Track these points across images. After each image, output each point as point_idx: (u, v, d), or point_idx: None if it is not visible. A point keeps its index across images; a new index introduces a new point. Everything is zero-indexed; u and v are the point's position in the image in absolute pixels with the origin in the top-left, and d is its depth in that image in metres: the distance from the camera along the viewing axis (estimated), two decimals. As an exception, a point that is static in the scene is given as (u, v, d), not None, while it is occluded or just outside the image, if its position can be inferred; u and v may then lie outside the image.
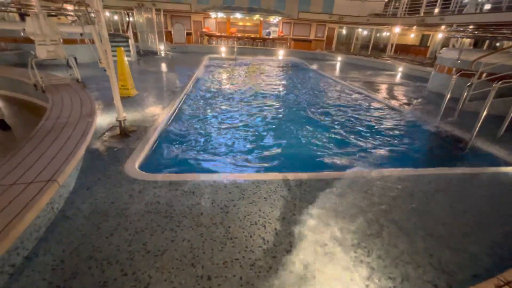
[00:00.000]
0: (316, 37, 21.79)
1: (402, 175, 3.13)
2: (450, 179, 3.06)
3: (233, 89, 8.36)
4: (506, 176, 3.24)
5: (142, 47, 13.83)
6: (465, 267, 1.89)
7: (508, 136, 4.32)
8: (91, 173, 2.80)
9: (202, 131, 4.80)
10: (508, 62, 5.64)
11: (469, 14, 11.84)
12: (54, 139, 2.64)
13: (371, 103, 7.19)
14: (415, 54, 17.53)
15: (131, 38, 11.62)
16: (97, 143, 3.50)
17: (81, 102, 3.87)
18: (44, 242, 1.91)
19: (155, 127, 4.16)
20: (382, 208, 2.48)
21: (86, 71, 8.31)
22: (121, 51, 5.78)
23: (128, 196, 2.45)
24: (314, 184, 2.83)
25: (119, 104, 3.63)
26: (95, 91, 6.01)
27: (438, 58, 8.04)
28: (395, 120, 5.88)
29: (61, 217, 2.16)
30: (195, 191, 2.58)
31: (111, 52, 3.43)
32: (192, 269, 1.74)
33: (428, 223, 2.32)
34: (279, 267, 1.79)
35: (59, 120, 3.19)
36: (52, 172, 2.04)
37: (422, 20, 14.90)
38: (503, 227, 2.34)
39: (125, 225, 2.10)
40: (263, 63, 14.98)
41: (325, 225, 2.22)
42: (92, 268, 1.72)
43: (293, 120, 5.71)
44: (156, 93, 6.33)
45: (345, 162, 3.91)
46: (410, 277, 1.78)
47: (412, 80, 10.84)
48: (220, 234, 2.06)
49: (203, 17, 20.15)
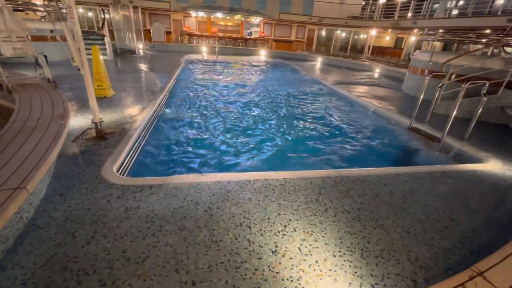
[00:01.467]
0: (297, 38, 22.11)
1: (381, 173, 3.24)
2: (423, 178, 3.21)
3: (214, 89, 8.26)
4: (474, 173, 3.45)
5: (119, 46, 13.32)
6: (440, 261, 1.98)
7: (475, 135, 4.62)
8: (65, 178, 2.65)
9: (183, 132, 4.70)
10: (475, 64, 6.03)
11: (439, 19, 12.55)
12: (23, 143, 2.46)
13: (348, 104, 7.40)
14: (391, 56, 18.31)
15: (107, 36, 11.15)
16: (71, 147, 3.31)
17: (52, 103, 3.64)
18: (12, 254, 1.77)
19: (134, 129, 4.01)
20: (363, 207, 2.55)
21: (58, 70, 7.86)
22: (96, 49, 5.53)
23: (106, 202, 2.34)
24: (298, 183, 2.86)
25: (94, 104, 3.46)
26: (68, 91, 5.69)
27: (412, 60, 8.43)
28: (373, 120, 6.09)
29: (31, 226, 2.02)
30: (177, 194, 2.51)
31: (86, 50, 3.26)
32: (175, 275, 1.69)
33: (405, 221, 2.42)
34: (265, 268, 1.79)
35: (28, 122, 2.98)
36: (21, 179, 1.90)
37: (397, 24, 15.59)
38: (472, 222, 2.48)
39: (103, 232, 2.00)
40: (245, 63, 14.95)
41: (309, 224, 2.25)
42: (67, 280, 1.62)
43: (277, 120, 5.74)
44: (134, 93, 6.11)
45: (328, 163, 3.99)
46: (391, 273, 1.85)
47: (388, 80, 11.29)
48: (204, 237, 2.02)
49: (183, 16, 19.77)
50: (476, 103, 5.63)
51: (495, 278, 1.37)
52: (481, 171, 3.50)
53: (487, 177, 3.36)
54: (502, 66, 5.77)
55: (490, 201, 2.84)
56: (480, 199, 2.87)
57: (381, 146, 4.69)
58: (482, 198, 2.88)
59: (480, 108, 3.94)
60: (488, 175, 3.39)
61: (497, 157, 3.92)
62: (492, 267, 1.45)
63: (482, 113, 5.16)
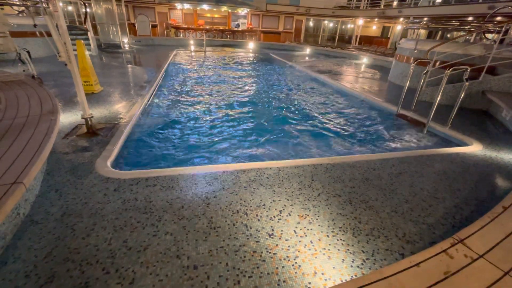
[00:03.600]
0: (284, 29, 22.02)
1: (370, 159, 3.37)
2: (410, 161, 3.36)
3: (204, 82, 8.21)
4: (457, 155, 3.63)
5: (103, 40, 12.96)
6: (425, 236, 2.12)
7: (458, 120, 4.82)
8: (58, 174, 2.65)
9: (175, 125, 4.70)
10: (457, 51, 6.22)
11: (424, 7, 12.75)
12: (13, 141, 2.43)
13: (338, 93, 7.52)
14: (377, 45, 18.53)
15: (90, 31, 10.81)
16: (62, 143, 3.28)
17: (40, 100, 3.57)
18: (13, 249, 1.79)
19: (126, 123, 3.99)
20: (353, 191, 2.67)
21: (41, 66, 7.63)
22: (81, 44, 5.39)
23: (103, 195, 2.36)
24: (291, 171, 2.95)
25: (84, 100, 3.42)
26: (54, 88, 5.56)
27: (398, 48, 8.59)
28: (361, 109, 6.23)
29: (29, 222, 2.03)
30: (174, 185, 2.55)
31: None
32: (177, 260, 1.76)
33: (393, 201, 2.55)
34: (263, 250, 1.88)
35: (17, 120, 2.93)
36: (16, 174, 1.89)
37: (383, 13, 15.74)
38: (454, 199, 2.64)
39: (102, 224, 2.03)
40: (234, 55, 14.83)
41: (303, 208, 2.34)
42: (70, 270, 1.66)
43: (268, 110, 5.80)
44: (123, 89, 6.02)
45: (319, 150, 4.10)
46: (380, 248, 1.97)
47: (375, 68, 11.47)
48: (203, 225, 2.08)
49: (168, 8, 19.32)
50: (458, 89, 5.84)
51: (474, 244, 1.50)
52: (463, 153, 3.68)
53: (468, 158, 3.54)
54: (482, 52, 5.98)
55: (471, 180, 3.01)
56: (462, 179, 3.03)
57: (372, 132, 4.83)
58: (464, 178, 3.05)
59: (462, 93, 4.10)
60: (469, 157, 3.58)
61: (478, 140, 4.13)
62: (472, 234, 1.58)
63: (464, 99, 5.37)
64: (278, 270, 1.74)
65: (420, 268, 1.34)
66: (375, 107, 6.19)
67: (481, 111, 5.77)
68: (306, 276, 1.70)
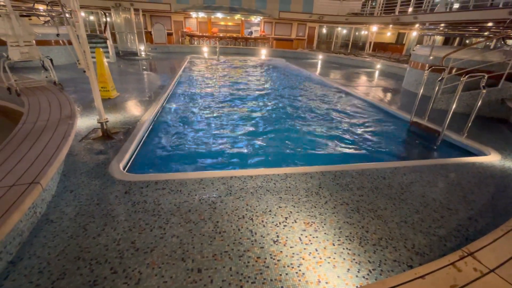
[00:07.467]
0: (297, 36, 22.11)
1: (380, 167, 3.31)
2: (422, 171, 3.27)
3: (216, 89, 8.36)
4: (473, 165, 3.50)
5: (121, 48, 13.49)
6: (435, 248, 2.06)
7: (475, 129, 4.65)
8: (74, 176, 2.76)
9: (186, 131, 4.80)
10: (474, 57, 6.04)
11: (440, 13, 12.49)
12: (34, 142, 2.58)
13: (351, 100, 7.44)
14: (392, 52, 18.24)
15: (110, 39, 11.30)
16: (79, 146, 3.43)
17: (60, 105, 3.76)
18: (29, 246, 1.88)
19: (139, 128, 4.12)
20: (362, 199, 2.63)
21: (63, 73, 8.03)
22: (100, 52, 5.65)
23: (114, 197, 2.45)
24: (299, 177, 2.94)
25: (100, 105, 3.57)
26: (74, 94, 5.83)
27: (412, 55, 8.43)
28: (374, 116, 6.13)
29: (45, 220, 2.13)
30: (182, 189, 2.61)
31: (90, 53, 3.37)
32: (182, 263, 1.79)
33: (402, 211, 2.49)
34: (267, 256, 1.88)
35: (38, 123, 3.10)
36: (34, 175, 2.01)
37: (397, 19, 15.53)
38: (469, 211, 2.55)
39: (112, 225, 2.10)
40: (246, 62, 15.02)
41: (309, 216, 2.33)
42: (81, 268, 1.72)
43: (279, 118, 5.82)
44: (138, 94, 6.23)
45: (328, 157, 4.07)
46: (388, 259, 1.92)
47: (388, 76, 11.29)
48: (208, 229, 2.11)
49: (184, 17, 19.90)
50: (476, 96, 5.65)
51: (484, 258, 1.44)
52: (480, 163, 3.55)
53: (485, 168, 3.40)
54: (502, 58, 5.78)
55: (488, 192, 2.89)
56: (478, 190, 2.92)
57: (384, 140, 4.75)
58: (479, 189, 2.93)
59: (479, 100, 3.97)
60: (486, 167, 3.44)
61: (496, 150, 3.96)
62: (483, 248, 1.52)
63: (482, 107, 5.17)
64: (281, 277, 1.73)
65: (425, 280, 1.30)
66: (389, 115, 6.08)
67: (501, 120, 5.55)
68: (310, 284, 1.69)
